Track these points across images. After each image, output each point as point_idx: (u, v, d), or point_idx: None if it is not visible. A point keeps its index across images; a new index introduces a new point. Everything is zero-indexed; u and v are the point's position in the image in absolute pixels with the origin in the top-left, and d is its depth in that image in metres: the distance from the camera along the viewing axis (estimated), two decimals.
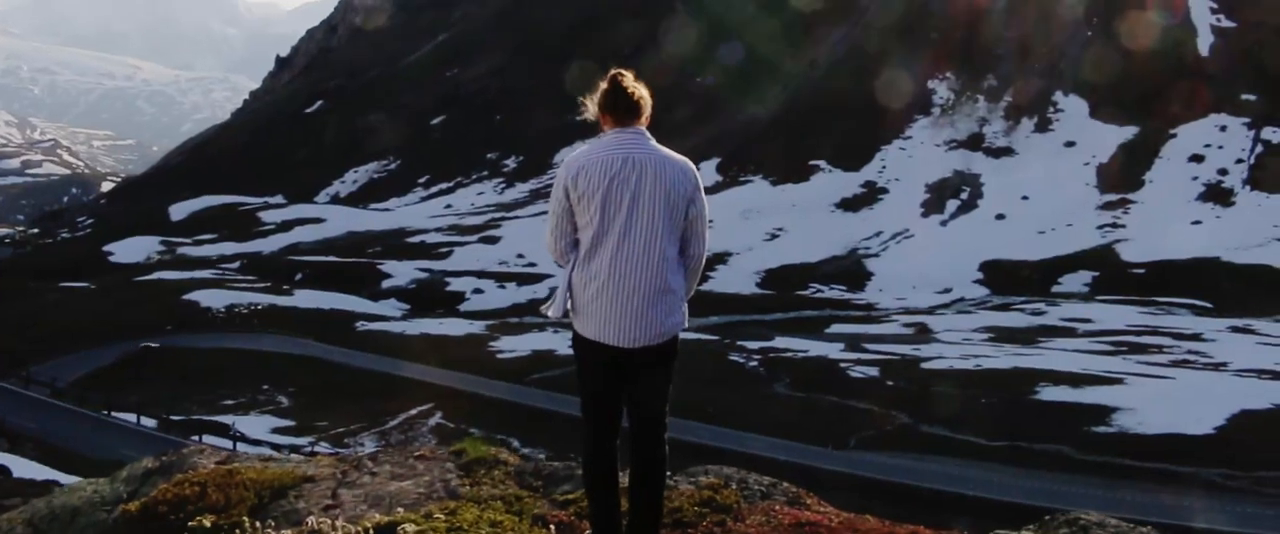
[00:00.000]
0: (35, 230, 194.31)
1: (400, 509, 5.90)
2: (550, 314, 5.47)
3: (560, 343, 62.25)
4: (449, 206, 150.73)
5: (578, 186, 5.24)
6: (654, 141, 5.35)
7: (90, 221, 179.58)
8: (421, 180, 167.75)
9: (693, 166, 5.39)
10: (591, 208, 5.21)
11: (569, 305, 5.38)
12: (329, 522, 5.36)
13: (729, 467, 6.74)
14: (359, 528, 5.35)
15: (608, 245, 5.19)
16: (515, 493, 6.23)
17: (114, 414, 50.51)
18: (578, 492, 6.25)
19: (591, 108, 5.50)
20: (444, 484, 6.37)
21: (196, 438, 46.61)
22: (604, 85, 5.43)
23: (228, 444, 45.80)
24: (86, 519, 6.48)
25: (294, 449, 45.55)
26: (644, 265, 5.17)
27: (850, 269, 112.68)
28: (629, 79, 5.41)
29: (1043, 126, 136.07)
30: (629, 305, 5.17)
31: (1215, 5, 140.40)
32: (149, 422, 49.03)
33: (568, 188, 5.30)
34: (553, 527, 5.82)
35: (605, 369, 5.36)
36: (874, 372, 59.05)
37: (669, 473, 6.01)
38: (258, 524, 5.47)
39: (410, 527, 5.42)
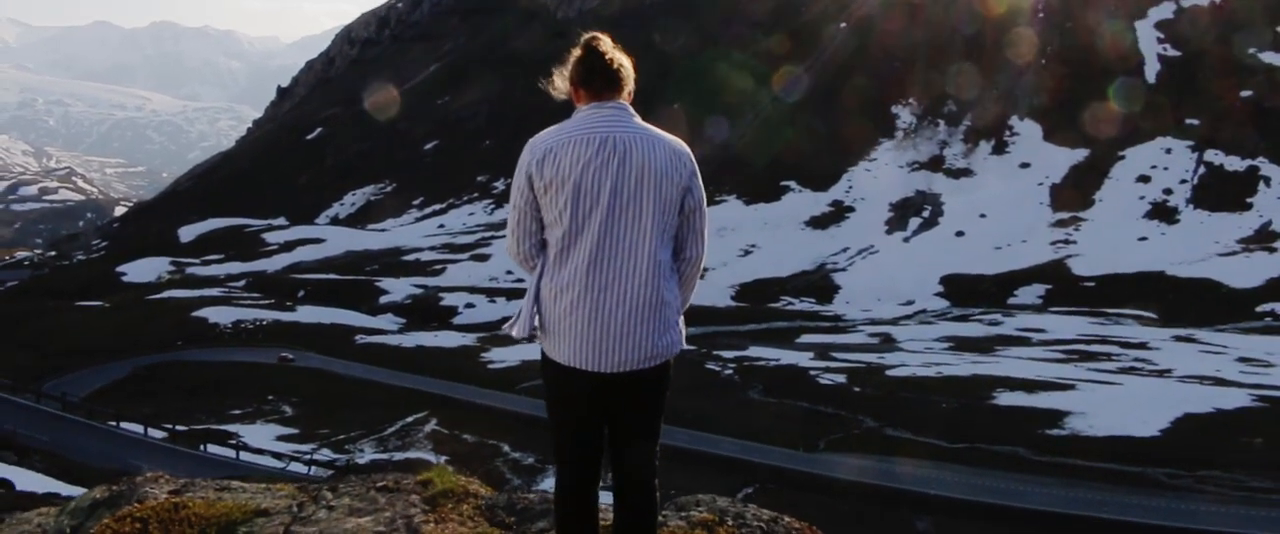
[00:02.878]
0: (52, 253, 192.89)
1: None
2: (515, 334, 4.29)
3: None
4: (442, 226, 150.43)
5: (543, 173, 4.08)
6: (639, 119, 4.17)
7: (104, 244, 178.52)
8: (416, 202, 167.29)
9: (687, 149, 4.19)
10: (561, 200, 4.04)
11: (536, 322, 4.22)
12: None
13: (723, 498, 5.68)
14: None
15: (582, 247, 4.03)
16: (484, 531, 5.29)
17: (123, 425, 50.13)
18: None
19: (562, 83, 4.31)
20: (406, 521, 5.38)
21: (202, 447, 46.43)
22: (577, 52, 4.25)
23: (232, 453, 45.63)
24: None
25: (295, 457, 45.41)
26: (629, 272, 4.02)
27: (819, 283, 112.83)
28: (607, 43, 4.24)
29: (999, 149, 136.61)
30: (611, 322, 4.00)
31: (1162, 35, 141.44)
32: (157, 433, 48.69)
33: (531, 175, 4.14)
34: None
35: (582, 402, 4.18)
36: (842, 379, 59.19)
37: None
38: None
39: None
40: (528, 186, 4.17)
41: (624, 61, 4.22)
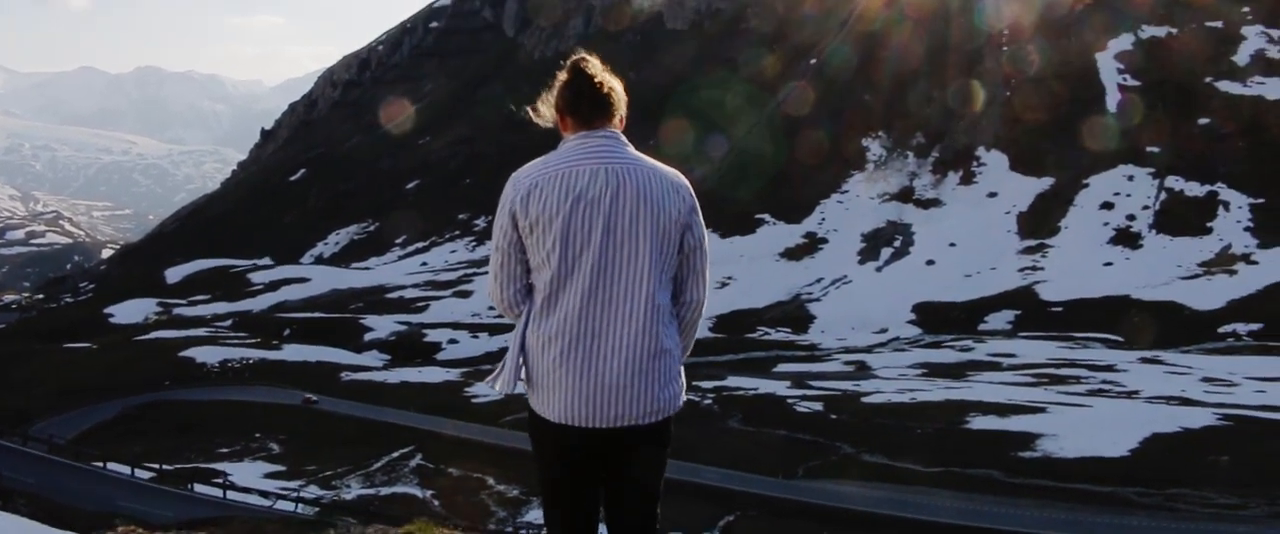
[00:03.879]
0: (40, 296, 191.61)
1: None
2: (497, 388, 3.87)
3: None
4: (424, 264, 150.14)
5: (529, 211, 3.57)
6: (632, 149, 3.70)
7: (91, 286, 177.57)
8: (398, 240, 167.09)
9: (686, 182, 3.76)
10: (548, 240, 3.52)
11: (523, 375, 3.75)
12: None
13: None
14: None
15: (573, 292, 3.51)
16: None
17: (109, 466, 49.44)
18: None
19: (547, 111, 3.81)
20: None
21: (189, 487, 45.92)
22: (563, 75, 3.75)
23: (219, 492, 45.16)
24: None
25: (282, 495, 45.01)
26: (625, 317, 3.51)
27: (794, 313, 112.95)
28: (595, 65, 3.75)
29: (967, 179, 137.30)
30: (606, 373, 3.51)
31: (1122, 66, 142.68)
32: (144, 473, 48.08)
33: (515, 213, 3.63)
34: None
35: (574, 461, 3.70)
36: (819, 406, 59.04)
37: None
38: None
39: None
40: (512, 226, 3.67)
41: (615, 85, 3.79)
